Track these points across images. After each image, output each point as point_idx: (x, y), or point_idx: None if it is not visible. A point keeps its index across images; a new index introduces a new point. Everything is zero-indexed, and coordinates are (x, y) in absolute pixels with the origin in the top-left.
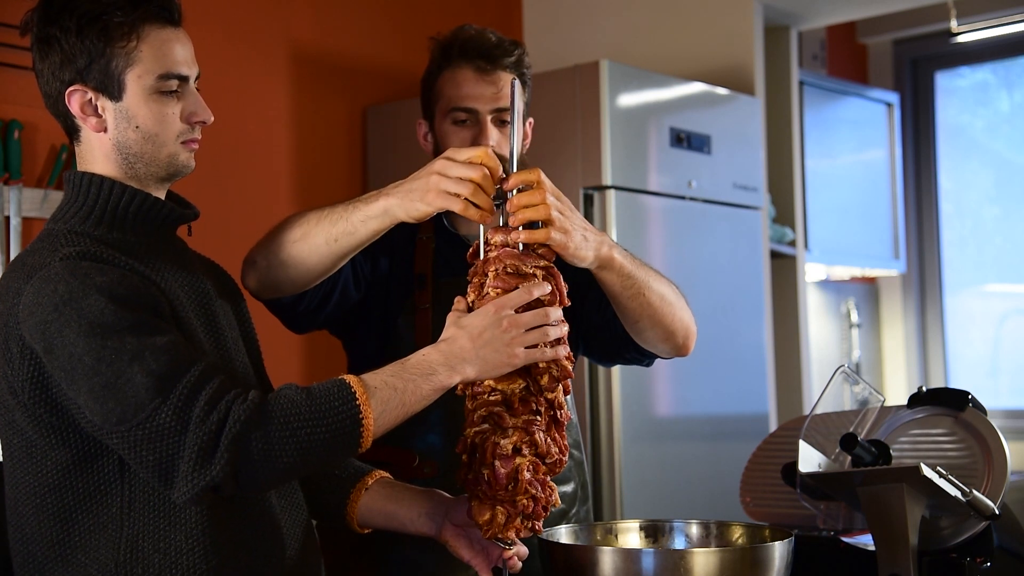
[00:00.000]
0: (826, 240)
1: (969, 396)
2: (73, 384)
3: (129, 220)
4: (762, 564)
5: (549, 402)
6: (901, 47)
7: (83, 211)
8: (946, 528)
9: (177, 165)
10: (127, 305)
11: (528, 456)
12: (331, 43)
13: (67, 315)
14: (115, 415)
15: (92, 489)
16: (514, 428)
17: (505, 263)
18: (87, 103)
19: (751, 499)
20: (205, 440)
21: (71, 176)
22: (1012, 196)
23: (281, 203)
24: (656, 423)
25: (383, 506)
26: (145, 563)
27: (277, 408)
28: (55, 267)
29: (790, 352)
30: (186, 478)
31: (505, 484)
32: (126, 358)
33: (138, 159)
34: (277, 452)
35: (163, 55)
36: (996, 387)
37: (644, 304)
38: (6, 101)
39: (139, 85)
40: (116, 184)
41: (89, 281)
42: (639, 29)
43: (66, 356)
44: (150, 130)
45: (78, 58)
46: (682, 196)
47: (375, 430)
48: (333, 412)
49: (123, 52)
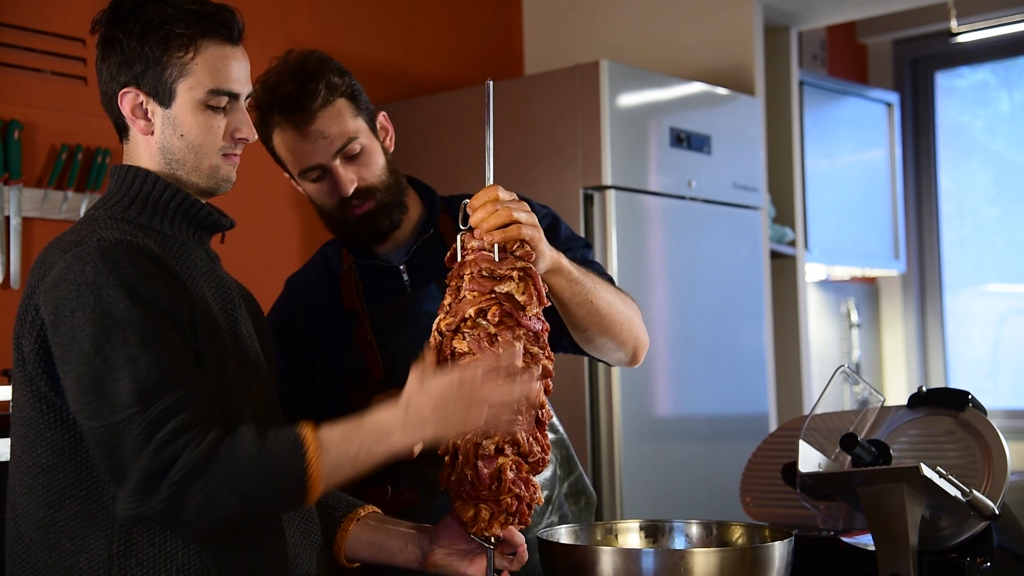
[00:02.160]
0: (826, 240)
1: (969, 396)
2: (65, 364)
3: (170, 214)
4: (762, 564)
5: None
6: (901, 47)
7: (125, 200)
8: (946, 528)
9: (218, 178)
10: (145, 306)
11: (511, 456)
12: (331, 43)
13: (85, 297)
14: (91, 408)
15: (84, 474)
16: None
17: (481, 266)
18: (138, 106)
19: (751, 499)
20: (152, 472)
21: (117, 169)
22: (1012, 196)
23: (281, 203)
24: (656, 423)
25: (371, 537)
26: (139, 556)
27: (226, 459)
28: (90, 247)
29: (790, 352)
30: (126, 498)
31: (488, 484)
32: (122, 358)
33: (180, 166)
34: (216, 503)
35: (216, 71)
36: (996, 387)
37: (592, 312)
38: (6, 101)
39: (189, 96)
40: (160, 179)
41: (116, 271)
42: (639, 29)
43: (69, 336)
44: (194, 140)
45: (136, 63)
46: (682, 196)
47: (323, 489)
48: (281, 468)
49: (179, 62)
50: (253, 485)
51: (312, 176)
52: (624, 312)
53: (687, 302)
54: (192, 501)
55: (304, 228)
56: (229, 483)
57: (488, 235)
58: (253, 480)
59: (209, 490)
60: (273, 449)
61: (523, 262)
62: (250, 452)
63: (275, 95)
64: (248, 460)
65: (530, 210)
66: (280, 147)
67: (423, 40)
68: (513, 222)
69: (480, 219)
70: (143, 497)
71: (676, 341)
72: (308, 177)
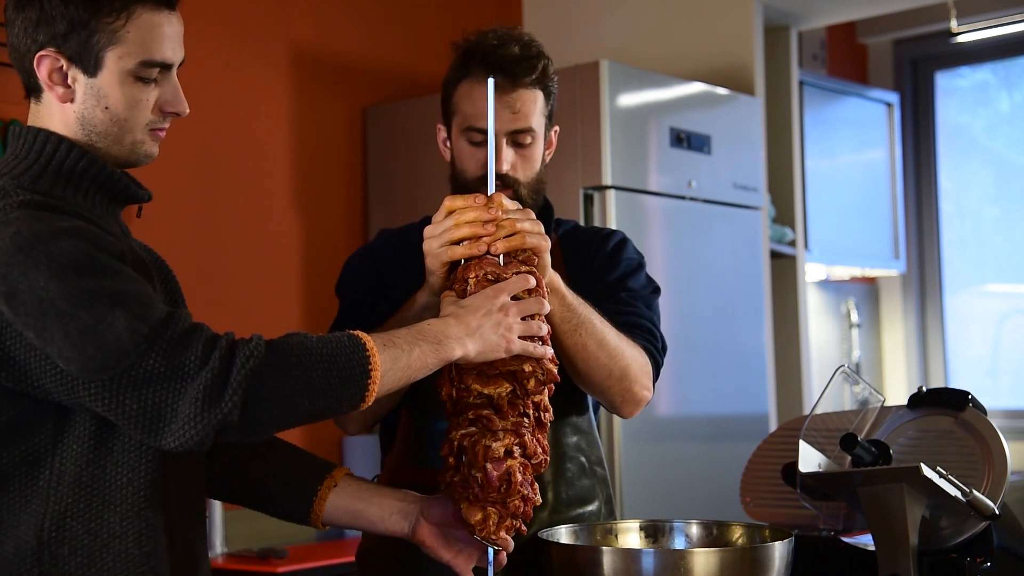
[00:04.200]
0: (826, 240)
1: (969, 396)
2: (44, 331)
3: (84, 184)
4: (762, 564)
5: (535, 404)
6: (901, 47)
7: (35, 168)
8: (946, 528)
9: (139, 154)
10: (100, 249)
11: (518, 458)
12: (331, 43)
13: (35, 256)
14: (95, 362)
15: (19, 460)
16: (504, 431)
17: (486, 269)
18: (57, 70)
19: (751, 499)
20: (212, 379)
21: (20, 130)
22: (1012, 196)
23: (281, 203)
24: (656, 423)
25: (350, 504)
26: (73, 543)
27: (290, 348)
28: (13, 212)
29: (790, 352)
30: (190, 421)
31: (498, 486)
32: (106, 301)
33: (101, 138)
34: (289, 391)
35: (150, 40)
36: (996, 387)
37: (579, 345)
38: (6, 101)
39: (118, 66)
40: (75, 145)
41: (55, 225)
42: (639, 29)
43: (35, 301)
44: (119, 114)
45: (57, 22)
46: (682, 196)
47: (379, 387)
48: (344, 359)
49: (108, 28)
50: (321, 372)
51: (476, 139)
52: (616, 359)
53: (687, 302)
54: (267, 390)
55: (304, 228)
56: (298, 369)
57: (493, 246)
58: (320, 368)
59: (282, 377)
60: (333, 342)
61: (527, 267)
62: (311, 343)
63: (494, 49)
64: (312, 350)
65: (535, 219)
66: (464, 96)
67: (423, 40)
68: (516, 232)
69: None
70: (213, 405)
71: (676, 341)
72: (472, 137)
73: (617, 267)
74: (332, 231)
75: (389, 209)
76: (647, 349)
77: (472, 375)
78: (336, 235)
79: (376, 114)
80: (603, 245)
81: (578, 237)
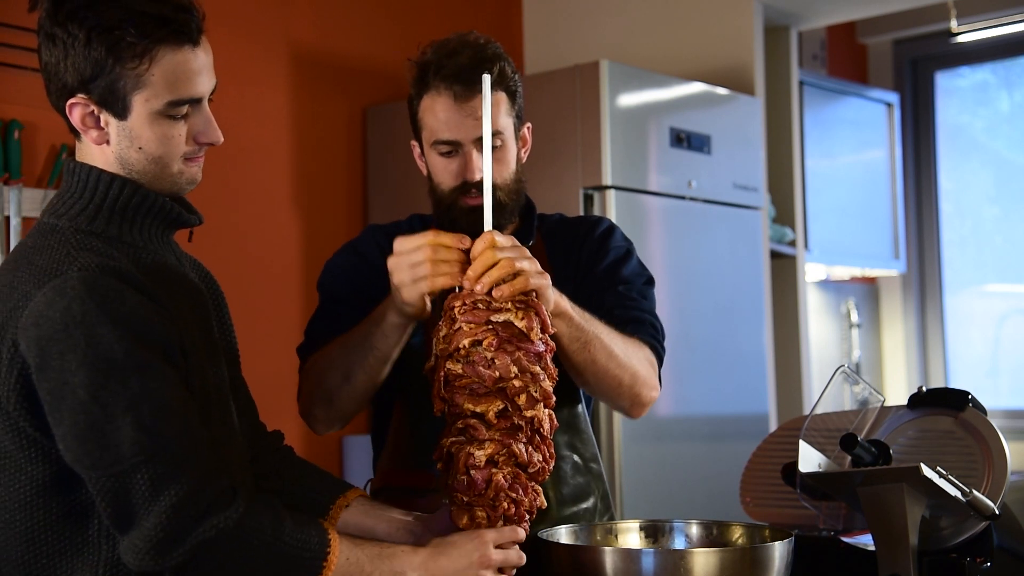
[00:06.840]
0: (826, 240)
1: (969, 396)
2: (57, 412)
3: (139, 219)
4: (762, 564)
5: (528, 419)
6: (901, 47)
7: (91, 208)
8: (946, 528)
9: (181, 183)
10: (141, 342)
11: (506, 467)
12: (331, 43)
13: (75, 338)
14: (90, 458)
15: (67, 511)
16: (490, 440)
17: (475, 298)
18: (89, 115)
19: (751, 499)
20: (173, 530)
21: (73, 167)
22: (1012, 196)
23: (281, 203)
24: (656, 423)
25: (360, 521)
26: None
27: (259, 532)
28: (72, 279)
29: (790, 352)
30: (137, 549)
31: (482, 488)
32: (123, 404)
33: (141, 176)
34: (234, 571)
35: (175, 80)
36: (996, 387)
37: (588, 360)
38: (6, 101)
39: (146, 108)
40: (127, 182)
41: (107, 306)
42: (639, 29)
43: (59, 382)
44: (153, 152)
45: (83, 68)
46: (682, 196)
47: None
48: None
49: (132, 73)
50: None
51: (444, 150)
52: (626, 367)
53: (687, 302)
54: (207, 568)
55: (304, 228)
56: (248, 563)
57: (497, 291)
58: (268, 570)
59: (227, 563)
60: (301, 542)
61: (522, 296)
62: (281, 533)
63: (448, 60)
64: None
65: (530, 256)
66: (427, 110)
67: (423, 40)
68: (517, 272)
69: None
70: (160, 553)
71: (676, 341)
72: (440, 150)
73: (607, 255)
74: (332, 231)
75: (389, 209)
76: (651, 345)
77: (463, 393)
78: (336, 235)
79: (376, 114)
80: (590, 233)
81: (563, 228)
